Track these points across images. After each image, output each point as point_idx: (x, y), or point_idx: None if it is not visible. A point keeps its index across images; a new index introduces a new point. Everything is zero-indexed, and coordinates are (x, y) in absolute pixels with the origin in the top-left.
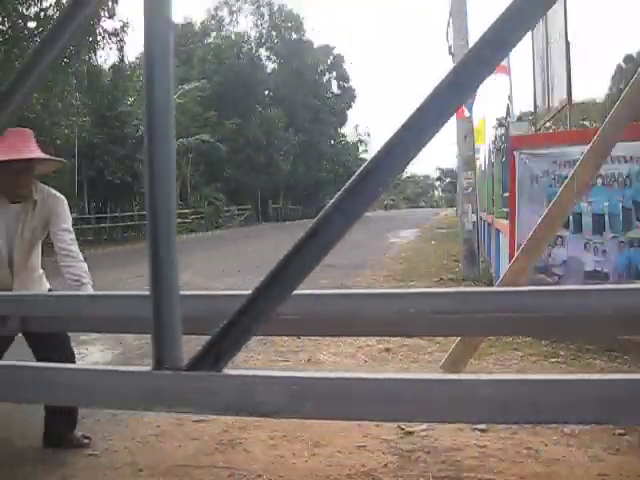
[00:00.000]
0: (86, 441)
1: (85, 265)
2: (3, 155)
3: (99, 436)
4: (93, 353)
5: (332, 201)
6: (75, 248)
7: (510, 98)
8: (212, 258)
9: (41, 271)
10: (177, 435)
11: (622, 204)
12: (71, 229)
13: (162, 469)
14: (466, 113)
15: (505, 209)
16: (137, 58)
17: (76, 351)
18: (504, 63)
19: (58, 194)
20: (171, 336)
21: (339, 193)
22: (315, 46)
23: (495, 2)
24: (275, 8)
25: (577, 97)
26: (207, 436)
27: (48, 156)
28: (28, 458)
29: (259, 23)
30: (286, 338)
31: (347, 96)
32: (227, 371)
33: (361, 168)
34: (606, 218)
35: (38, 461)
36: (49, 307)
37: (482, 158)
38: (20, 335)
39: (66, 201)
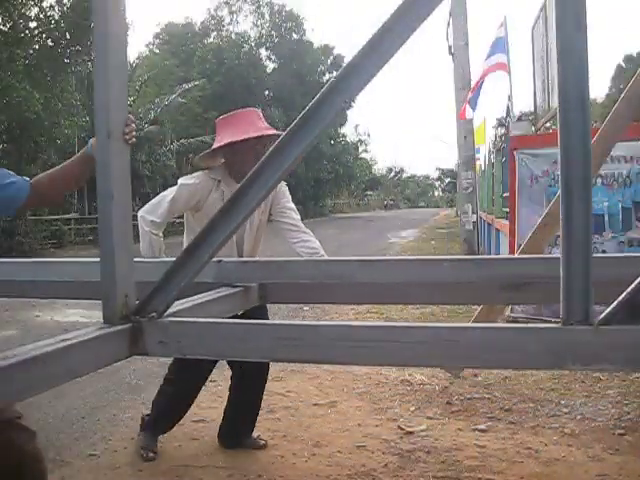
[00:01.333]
0: (262, 442)
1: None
2: (244, 133)
3: (99, 436)
4: None
5: None
6: (303, 225)
7: (510, 98)
8: None
9: None
10: (177, 435)
11: (622, 204)
12: (295, 209)
13: (162, 469)
14: (469, 115)
15: (505, 209)
16: (137, 58)
17: None
18: (504, 61)
19: None
20: (583, 291)
21: None
22: (315, 46)
23: (494, 3)
24: (275, 8)
25: None
26: (207, 436)
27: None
28: None
29: (259, 23)
30: None
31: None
32: None
33: None
34: (606, 218)
35: None
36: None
37: (482, 158)
38: None
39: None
